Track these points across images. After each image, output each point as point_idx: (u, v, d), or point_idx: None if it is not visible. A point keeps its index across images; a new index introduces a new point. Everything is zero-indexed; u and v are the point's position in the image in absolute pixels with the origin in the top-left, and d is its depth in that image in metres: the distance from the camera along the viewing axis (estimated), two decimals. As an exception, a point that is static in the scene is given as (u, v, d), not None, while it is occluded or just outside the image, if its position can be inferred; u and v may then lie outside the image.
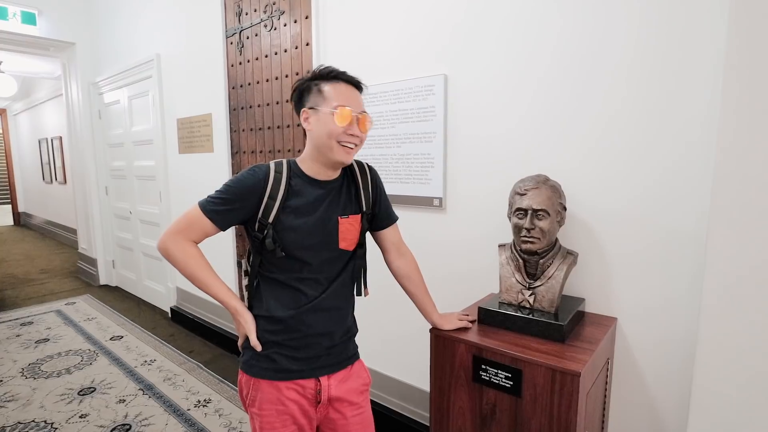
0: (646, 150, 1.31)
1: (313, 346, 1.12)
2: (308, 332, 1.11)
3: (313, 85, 1.09)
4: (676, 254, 1.29)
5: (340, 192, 1.15)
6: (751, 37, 0.87)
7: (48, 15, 4.08)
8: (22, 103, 8.18)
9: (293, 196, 1.09)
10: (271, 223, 1.07)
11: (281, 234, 1.08)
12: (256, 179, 1.07)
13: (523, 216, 1.30)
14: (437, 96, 1.75)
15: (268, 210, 1.07)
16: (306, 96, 1.10)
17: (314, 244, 1.10)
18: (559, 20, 1.43)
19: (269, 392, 1.11)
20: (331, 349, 1.15)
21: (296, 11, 2.28)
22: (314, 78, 1.10)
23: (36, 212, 8.66)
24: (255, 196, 1.07)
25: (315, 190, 1.11)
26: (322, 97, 1.07)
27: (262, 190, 1.07)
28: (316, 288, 1.12)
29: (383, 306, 2.09)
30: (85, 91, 4.43)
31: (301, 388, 1.12)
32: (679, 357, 1.31)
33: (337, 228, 1.13)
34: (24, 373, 2.73)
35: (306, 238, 1.09)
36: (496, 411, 1.21)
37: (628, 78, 1.32)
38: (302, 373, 1.12)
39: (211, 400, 2.40)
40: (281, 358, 1.11)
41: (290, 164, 1.13)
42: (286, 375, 1.11)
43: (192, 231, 1.09)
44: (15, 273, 5.27)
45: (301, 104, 1.11)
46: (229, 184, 1.09)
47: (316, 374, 1.13)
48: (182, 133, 3.32)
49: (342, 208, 1.15)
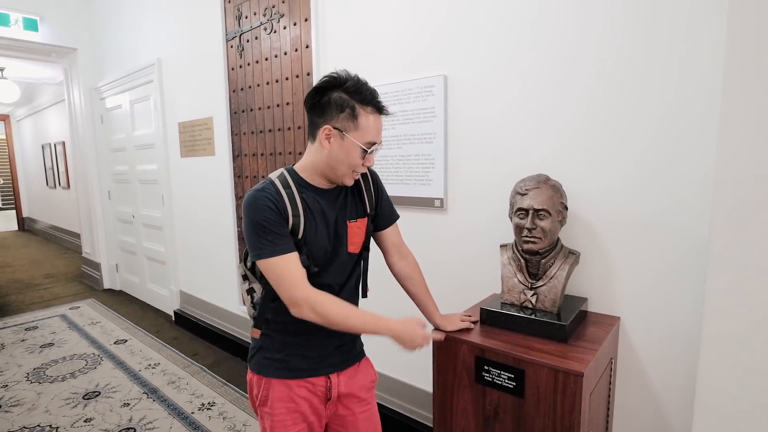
0: (649, 150, 1.30)
1: (323, 346, 1.15)
2: (320, 335, 1.12)
3: (347, 104, 1.01)
4: (679, 253, 1.28)
5: (345, 197, 1.16)
6: (753, 39, 0.86)
7: (49, 21, 4.11)
8: (25, 109, 8.23)
9: (308, 208, 1.08)
10: (300, 238, 1.05)
11: (310, 247, 1.07)
12: (271, 202, 1.02)
13: (525, 216, 1.30)
14: (437, 97, 1.75)
15: (296, 227, 1.04)
16: (334, 110, 1.02)
17: (330, 252, 1.11)
18: (560, 20, 1.43)
19: (281, 390, 1.13)
20: (340, 348, 1.18)
21: (296, 14, 2.29)
22: (347, 91, 1.02)
23: (40, 217, 8.71)
24: (283, 217, 1.03)
25: (323, 198, 1.11)
26: (354, 124, 1.02)
27: (285, 210, 1.03)
28: (329, 292, 1.09)
29: (385, 306, 2.09)
30: (87, 96, 4.46)
31: (311, 385, 1.14)
32: (683, 356, 1.30)
33: (347, 232, 1.14)
34: (29, 378, 2.74)
35: (324, 246, 1.10)
36: (499, 412, 1.20)
37: (630, 79, 1.31)
38: (313, 372, 1.14)
39: (215, 403, 2.40)
40: (293, 358, 1.13)
41: (293, 176, 1.09)
42: (297, 374, 1.13)
43: (294, 276, 1.02)
44: (20, 278, 5.30)
45: (323, 114, 1.03)
46: (254, 220, 1.01)
47: (326, 372, 1.16)
48: (184, 136, 3.33)
49: (349, 212, 1.15)
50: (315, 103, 1.05)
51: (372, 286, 1.32)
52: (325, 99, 1.03)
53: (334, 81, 1.03)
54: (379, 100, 1.06)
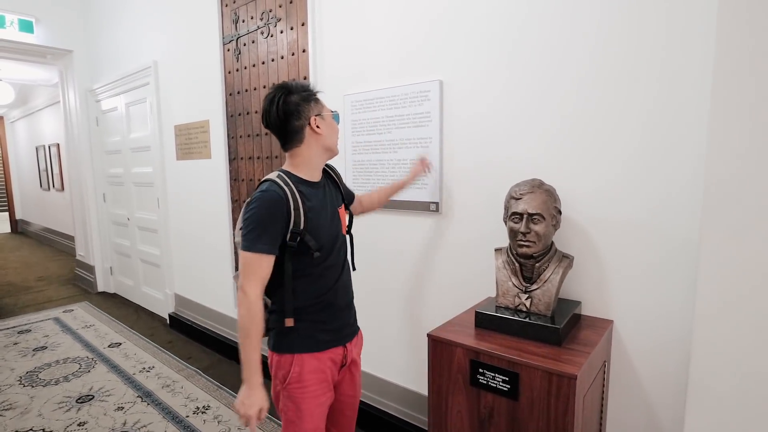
0: (643, 156, 1.32)
1: (339, 317, 1.33)
2: (337, 307, 1.31)
3: (308, 96, 1.24)
4: (671, 257, 1.30)
5: (329, 187, 1.35)
6: (742, 37, 0.88)
7: (45, 23, 4.10)
8: (20, 111, 8.18)
9: (307, 201, 1.22)
10: (303, 228, 1.19)
11: (314, 234, 1.22)
12: (278, 198, 1.17)
13: (519, 220, 1.31)
14: (433, 102, 1.76)
15: (299, 219, 1.19)
16: (305, 107, 1.23)
17: (333, 235, 1.28)
18: (550, 24, 1.45)
19: (311, 363, 1.26)
20: (350, 318, 1.38)
21: (292, 18, 2.30)
22: (298, 90, 1.24)
23: (33, 219, 8.64)
24: (282, 214, 1.17)
25: (316, 190, 1.28)
26: (320, 104, 1.28)
27: (287, 206, 1.17)
28: (336, 270, 1.31)
29: (380, 309, 2.10)
30: (83, 99, 4.45)
31: (334, 355, 1.31)
32: (675, 359, 1.32)
33: (339, 216, 1.34)
34: (22, 381, 2.72)
35: (328, 231, 1.26)
36: (493, 414, 1.21)
37: (626, 85, 1.33)
38: (335, 342, 1.31)
39: (209, 407, 2.39)
40: (319, 334, 1.28)
41: (288, 175, 1.24)
42: (324, 345, 1.29)
43: (258, 274, 1.17)
44: (12, 281, 5.25)
45: (299, 115, 1.22)
46: (256, 215, 1.16)
47: (344, 341, 1.34)
48: (180, 139, 3.33)
49: (336, 200, 1.36)
50: (286, 113, 1.22)
51: (371, 289, 1.40)
52: (291, 106, 1.22)
53: (287, 90, 1.23)
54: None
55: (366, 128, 2.01)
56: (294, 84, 1.25)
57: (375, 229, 2.06)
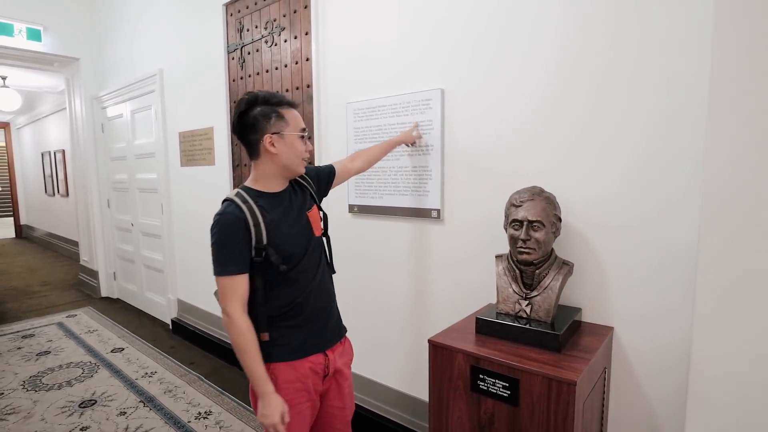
0: (642, 163, 1.33)
1: (316, 320, 1.30)
2: (312, 310, 1.29)
3: (271, 112, 1.21)
4: (671, 264, 1.31)
5: (295, 193, 1.34)
6: (739, 47, 0.89)
7: (53, 31, 4.16)
8: (26, 117, 8.26)
9: (267, 214, 1.21)
10: (267, 243, 1.19)
11: (279, 248, 1.21)
12: (235, 218, 1.17)
13: (519, 227, 1.32)
14: (434, 110, 1.78)
15: (260, 234, 1.19)
16: (263, 122, 1.21)
17: (302, 242, 1.27)
18: (553, 35, 1.47)
19: (287, 372, 1.25)
20: (329, 322, 1.35)
21: (296, 27, 2.34)
22: (264, 103, 1.22)
23: (38, 225, 8.69)
24: (243, 232, 1.17)
25: (279, 200, 1.27)
26: (284, 122, 1.23)
27: (246, 223, 1.17)
28: (310, 273, 1.29)
29: (382, 315, 2.11)
30: (89, 105, 4.50)
31: (312, 364, 1.28)
32: (675, 365, 1.32)
33: (309, 220, 1.32)
34: (25, 386, 2.74)
35: (295, 240, 1.26)
36: (494, 420, 1.22)
37: (626, 92, 1.35)
38: (313, 348, 1.29)
39: (211, 412, 2.40)
40: (292, 339, 1.26)
41: (247, 191, 1.24)
42: (300, 353, 1.26)
43: (236, 294, 1.19)
44: (16, 285, 5.28)
45: (256, 130, 1.21)
46: (218, 239, 1.18)
47: (323, 348, 1.31)
48: (184, 146, 3.36)
49: (303, 205, 1.33)
50: (244, 126, 1.23)
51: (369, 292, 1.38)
52: (250, 119, 1.21)
53: (252, 101, 1.22)
54: (291, 99, 1.28)
55: (368, 136, 2.04)
56: (263, 95, 1.23)
57: (376, 235, 2.08)
